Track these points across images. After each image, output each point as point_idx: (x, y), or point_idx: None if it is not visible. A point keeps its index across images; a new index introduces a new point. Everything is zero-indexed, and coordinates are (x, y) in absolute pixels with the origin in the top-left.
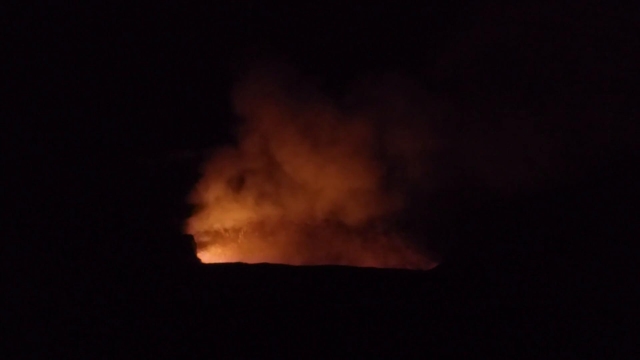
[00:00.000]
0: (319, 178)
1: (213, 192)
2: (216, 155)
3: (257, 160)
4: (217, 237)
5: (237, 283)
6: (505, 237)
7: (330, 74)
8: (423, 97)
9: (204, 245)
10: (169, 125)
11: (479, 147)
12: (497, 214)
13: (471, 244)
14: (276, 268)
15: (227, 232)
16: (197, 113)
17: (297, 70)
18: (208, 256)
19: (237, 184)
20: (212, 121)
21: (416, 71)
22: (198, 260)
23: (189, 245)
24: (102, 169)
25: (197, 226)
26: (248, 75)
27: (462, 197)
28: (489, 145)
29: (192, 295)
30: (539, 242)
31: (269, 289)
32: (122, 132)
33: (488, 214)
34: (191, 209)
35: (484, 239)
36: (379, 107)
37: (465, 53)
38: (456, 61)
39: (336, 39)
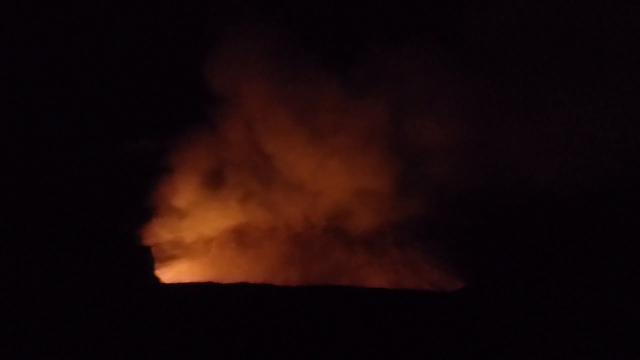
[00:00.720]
0: (318, 176)
1: (180, 192)
2: (185, 146)
3: (239, 152)
4: (183, 249)
5: (207, 308)
6: (551, 251)
7: (334, 43)
8: (451, 75)
9: (165, 260)
10: (125, 106)
11: (518, 139)
12: (540, 222)
13: (507, 258)
14: (259, 289)
15: (196, 243)
16: (162, 91)
17: (293, 36)
18: (170, 274)
19: (213, 182)
20: (181, 102)
21: (443, 41)
22: (156, 278)
23: (146, 260)
24: (38, 163)
25: (157, 236)
26: (228, 41)
27: (497, 201)
28: (531, 137)
29: (148, 325)
30: (594, 256)
31: (249, 315)
32: (63, 116)
33: (529, 221)
34: (150, 214)
35: (523, 252)
36: (396, 86)
37: (505, 18)
38: (494, 29)
39: None
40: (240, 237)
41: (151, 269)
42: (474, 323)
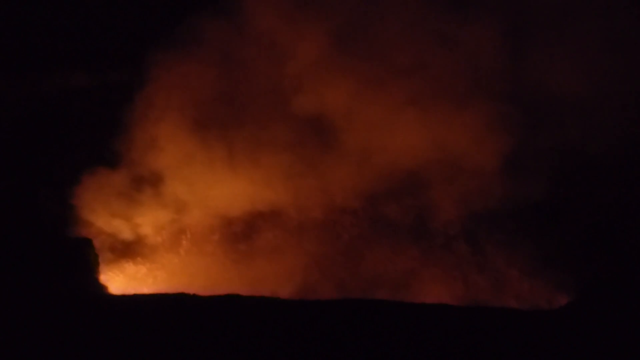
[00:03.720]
0: (371, 129)
1: (139, 147)
2: (157, 70)
3: (240, 82)
4: (141, 243)
5: (178, 333)
6: None
7: None
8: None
9: (113, 261)
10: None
11: None
12: None
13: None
14: (257, 304)
15: (160, 234)
16: None
17: None
18: (122, 281)
19: (193, 132)
20: None
21: None
22: (102, 287)
23: (86, 260)
24: None
25: (102, 222)
26: None
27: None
28: None
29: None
30: None
31: (241, 345)
32: None
33: None
34: (91, 186)
35: None
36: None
37: None
38: None
39: None
40: (227, 225)
41: (93, 273)
42: (580, 357)
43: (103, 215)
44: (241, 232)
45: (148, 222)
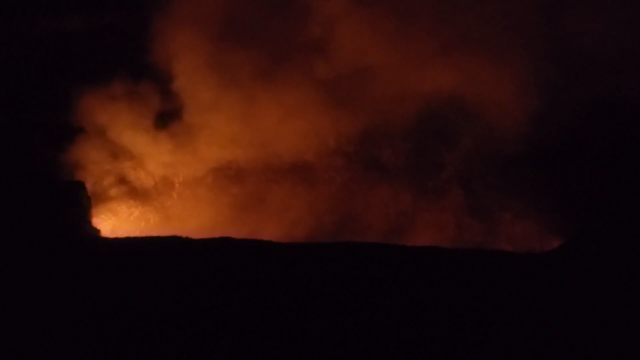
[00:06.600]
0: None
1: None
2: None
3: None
4: (134, 187)
5: (170, 275)
6: None
7: None
8: None
9: (106, 202)
10: None
11: None
12: None
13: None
14: (248, 247)
15: (153, 177)
16: None
17: None
18: (114, 223)
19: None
20: None
21: None
22: (94, 230)
23: (79, 203)
24: None
25: (94, 164)
26: None
27: None
28: None
29: (81, 298)
30: None
31: (233, 286)
32: None
33: None
34: (81, 129)
35: None
36: None
37: None
38: None
39: None
40: (218, 169)
41: (85, 216)
42: (570, 299)
43: (95, 157)
44: (234, 176)
45: (142, 165)
